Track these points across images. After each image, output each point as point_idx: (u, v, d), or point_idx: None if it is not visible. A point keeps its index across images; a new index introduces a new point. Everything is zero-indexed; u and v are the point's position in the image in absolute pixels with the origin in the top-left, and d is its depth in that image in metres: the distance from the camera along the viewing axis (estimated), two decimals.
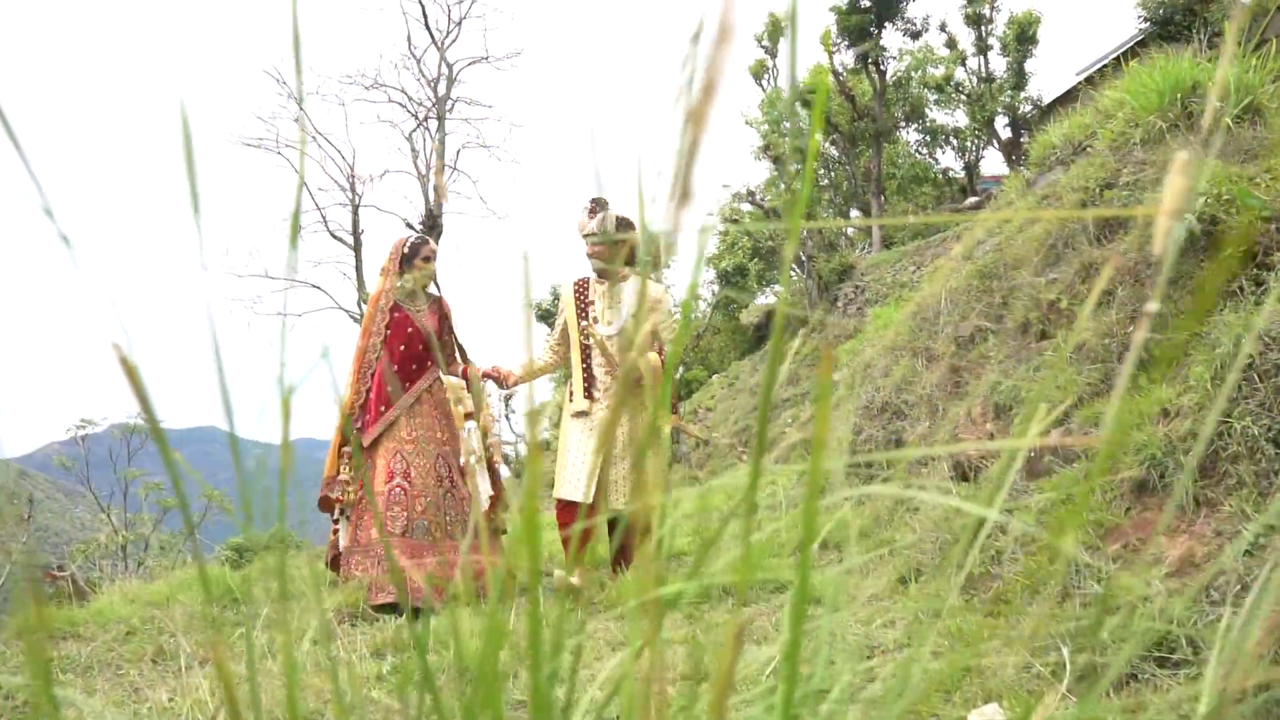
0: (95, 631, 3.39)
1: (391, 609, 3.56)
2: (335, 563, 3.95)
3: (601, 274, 3.96)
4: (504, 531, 4.07)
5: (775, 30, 21.36)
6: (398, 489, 3.85)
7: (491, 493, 4.05)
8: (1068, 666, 1.74)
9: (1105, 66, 17.35)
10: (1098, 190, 3.57)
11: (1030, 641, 2.33)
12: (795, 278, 19.54)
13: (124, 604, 3.83)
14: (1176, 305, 2.99)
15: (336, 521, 3.96)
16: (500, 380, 4.15)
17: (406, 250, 4.15)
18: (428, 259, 4.18)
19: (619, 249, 3.89)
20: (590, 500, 3.68)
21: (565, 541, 4.33)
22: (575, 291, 4.02)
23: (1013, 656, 2.21)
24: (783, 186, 20.43)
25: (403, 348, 4.09)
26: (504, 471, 4.27)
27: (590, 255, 3.98)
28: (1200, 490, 2.31)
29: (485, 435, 4.15)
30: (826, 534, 4.36)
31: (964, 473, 3.43)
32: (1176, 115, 3.58)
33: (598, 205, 3.98)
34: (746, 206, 23.22)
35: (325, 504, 3.94)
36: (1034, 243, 3.76)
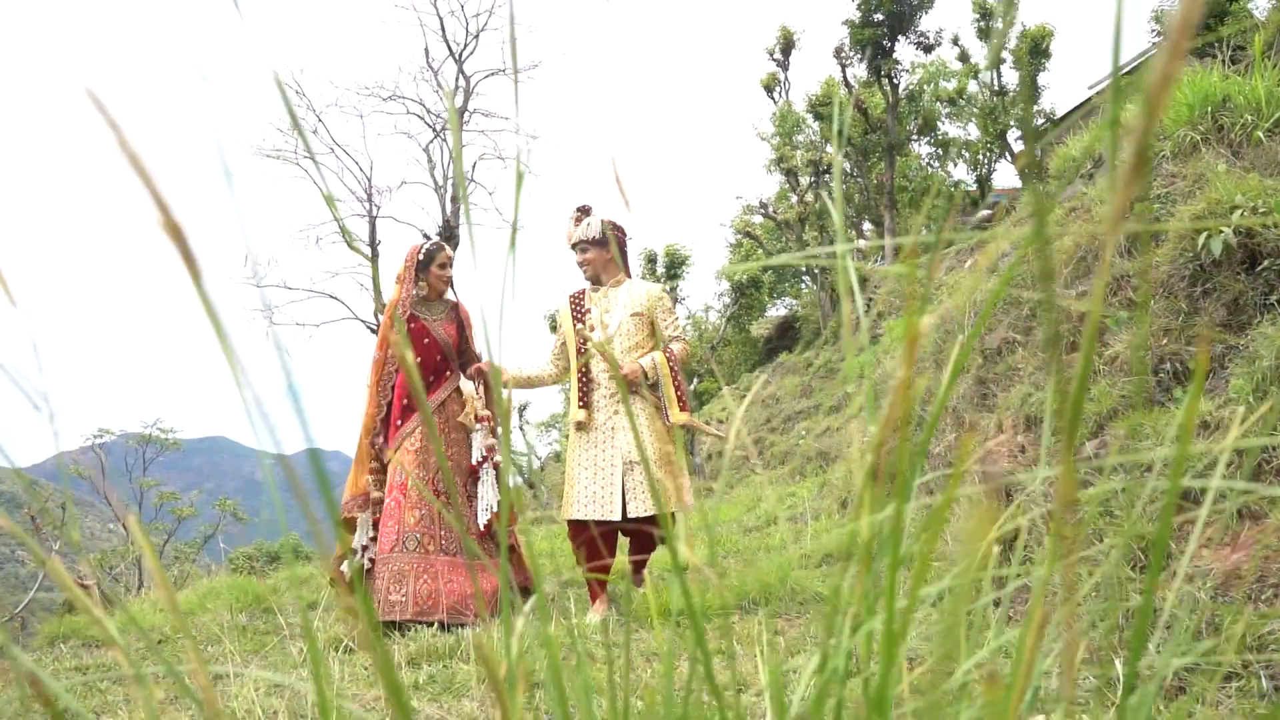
0: (126, 640, 3.40)
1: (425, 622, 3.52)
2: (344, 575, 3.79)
3: (595, 282, 3.89)
4: (513, 547, 3.92)
5: (787, 43, 21.45)
6: (392, 502, 3.72)
7: (497, 500, 3.89)
8: (1121, 679, 1.73)
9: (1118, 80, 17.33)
10: (1128, 203, 3.57)
11: (1073, 652, 2.32)
12: (808, 289, 19.55)
13: (153, 612, 3.85)
14: (1211, 318, 2.98)
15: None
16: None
17: (422, 257, 4.02)
18: (443, 265, 4.05)
19: (605, 253, 3.81)
20: (600, 517, 3.56)
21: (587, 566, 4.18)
22: (571, 303, 3.94)
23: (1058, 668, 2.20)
24: (794, 199, 20.47)
25: (419, 359, 3.95)
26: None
27: (580, 264, 3.90)
28: (1244, 503, 2.30)
29: (491, 435, 4.00)
30: (849, 545, 4.36)
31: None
32: (1207, 128, 3.58)
33: (583, 212, 3.88)
34: (758, 219, 23.27)
35: (348, 525, 3.79)
36: (1063, 255, 3.77)
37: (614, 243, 3.84)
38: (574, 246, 3.87)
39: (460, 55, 16.04)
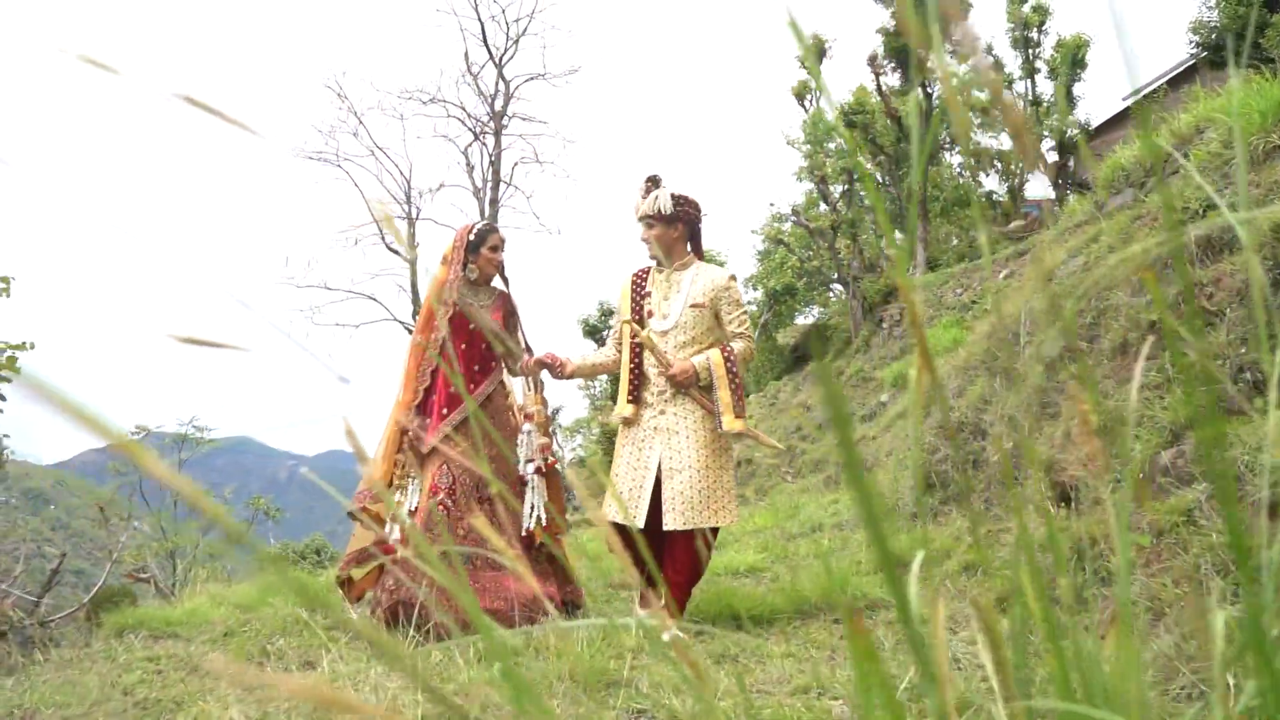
0: (191, 632, 3.43)
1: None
2: (349, 582, 3.56)
3: (660, 261, 3.57)
4: (552, 557, 3.66)
5: (819, 51, 21.40)
6: (440, 508, 3.45)
7: (545, 508, 3.64)
8: (1233, 691, 1.70)
9: (1155, 91, 17.16)
10: (1200, 210, 3.53)
11: (1160, 663, 2.29)
12: (838, 298, 19.48)
13: (213, 606, 3.88)
14: None
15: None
16: (555, 368, 3.66)
17: (473, 237, 3.72)
18: (495, 248, 3.74)
19: (673, 231, 3.50)
20: (624, 522, 3.24)
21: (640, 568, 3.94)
22: (633, 283, 3.62)
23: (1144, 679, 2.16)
24: (824, 207, 20.38)
25: (464, 346, 3.68)
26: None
27: (644, 240, 3.55)
28: None
29: (543, 434, 3.76)
30: (903, 554, 4.32)
31: (1064, 493, 3.38)
32: None
33: (653, 183, 3.57)
34: (788, 226, 23.21)
35: (366, 516, 3.50)
36: (1131, 263, 3.72)
37: (686, 220, 3.53)
38: (640, 220, 3.57)
39: (500, 59, 16.15)
